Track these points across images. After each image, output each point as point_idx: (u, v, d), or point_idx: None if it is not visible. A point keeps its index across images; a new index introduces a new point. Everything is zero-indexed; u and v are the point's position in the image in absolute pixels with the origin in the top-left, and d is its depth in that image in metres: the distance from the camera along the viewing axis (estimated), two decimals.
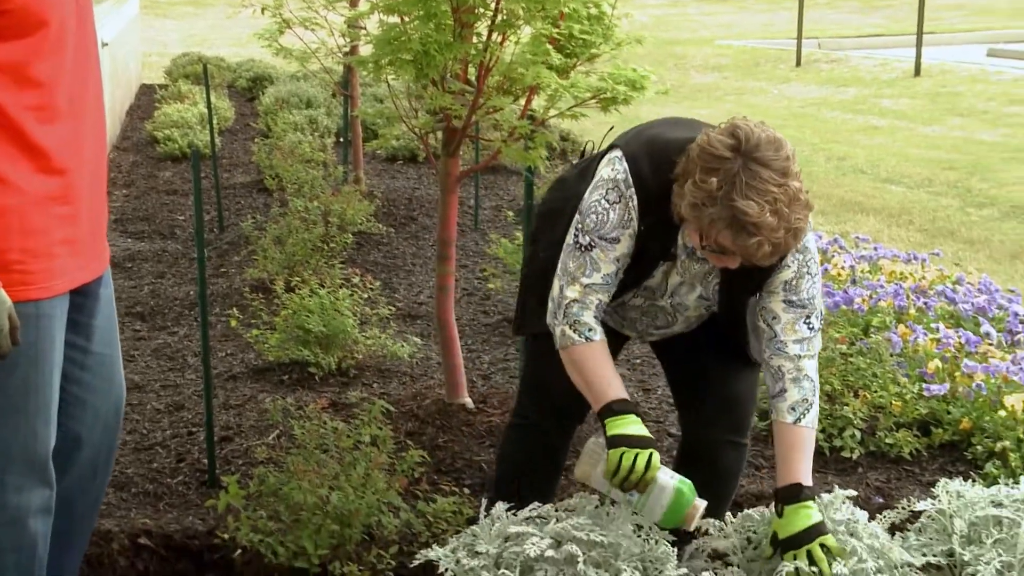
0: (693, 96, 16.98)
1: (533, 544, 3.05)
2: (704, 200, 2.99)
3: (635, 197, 3.21)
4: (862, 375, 4.98)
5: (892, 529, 3.53)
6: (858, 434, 4.73)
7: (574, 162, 3.69)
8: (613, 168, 3.25)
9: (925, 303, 5.78)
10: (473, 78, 4.61)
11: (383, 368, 5.72)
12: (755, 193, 2.95)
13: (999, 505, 3.35)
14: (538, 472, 3.64)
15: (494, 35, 4.50)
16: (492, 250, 7.35)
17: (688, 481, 3.21)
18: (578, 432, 3.76)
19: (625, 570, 3.06)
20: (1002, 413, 4.62)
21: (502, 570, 3.05)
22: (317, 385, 5.48)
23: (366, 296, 6.28)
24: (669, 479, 3.19)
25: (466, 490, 4.17)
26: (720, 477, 3.56)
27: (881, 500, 4.25)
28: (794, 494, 3.22)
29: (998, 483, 3.69)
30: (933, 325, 5.47)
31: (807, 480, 3.24)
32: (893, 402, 4.84)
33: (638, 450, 3.15)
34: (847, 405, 4.79)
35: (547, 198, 3.64)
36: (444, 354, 4.99)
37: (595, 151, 3.61)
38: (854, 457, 4.69)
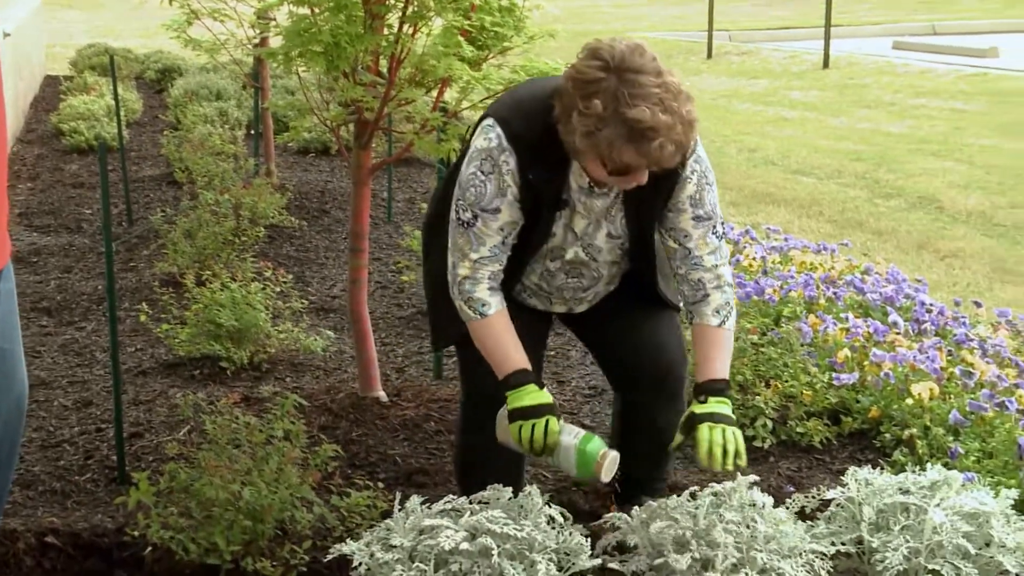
0: None
1: (448, 537, 3.04)
2: (595, 125, 3.01)
3: (512, 159, 3.23)
4: (773, 365, 5.02)
5: (803, 517, 3.57)
6: (770, 424, 4.77)
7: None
8: (486, 137, 3.26)
9: (835, 293, 5.84)
10: (385, 70, 4.59)
11: (296, 362, 5.68)
12: (640, 99, 2.98)
13: (906, 492, 3.40)
14: (508, 474, 3.57)
15: (405, 27, 4.48)
16: (406, 243, 7.33)
17: (592, 436, 3.33)
18: None
19: (540, 562, 3.06)
20: (909, 401, 4.68)
21: (416, 563, 3.04)
22: (229, 380, 5.42)
23: (278, 290, 6.23)
24: (571, 439, 3.32)
25: (380, 484, 4.15)
26: (657, 432, 3.66)
27: (793, 489, 4.29)
28: (720, 388, 3.36)
29: (905, 470, 3.75)
30: (843, 315, 5.53)
31: (726, 376, 3.39)
32: (804, 392, 4.89)
33: (534, 420, 3.25)
34: (759, 395, 4.83)
35: (428, 212, 3.70)
36: (357, 348, 4.96)
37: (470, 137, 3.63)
38: (766, 447, 4.74)
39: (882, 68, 17.91)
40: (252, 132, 10.58)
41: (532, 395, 3.27)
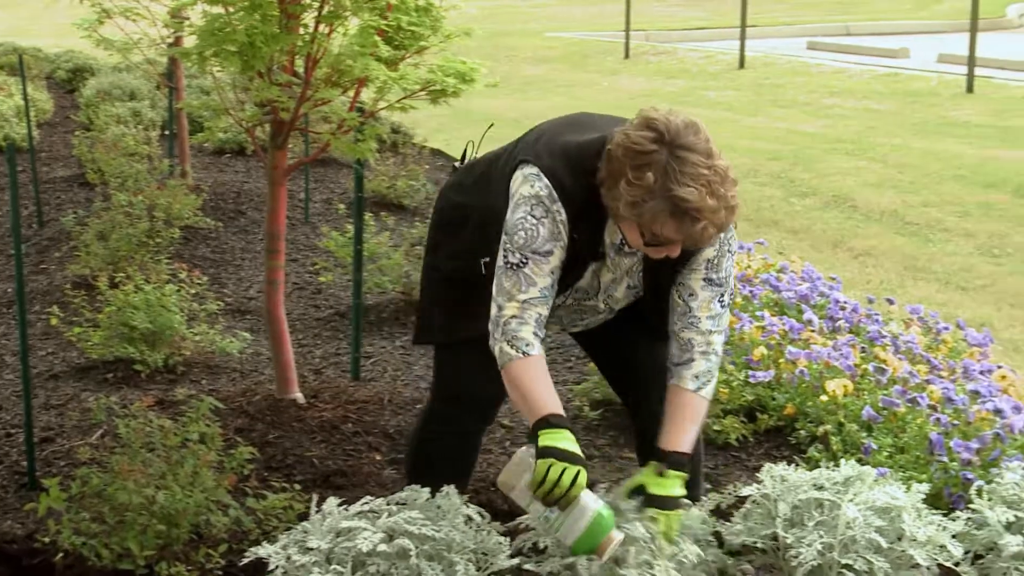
0: (524, 89, 17.07)
1: (365, 539, 3.02)
2: (643, 196, 3.00)
3: (563, 211, 3.20)
4: None
5: (719, 514, 3.59)
6: None
7: (457, 166, 3.70)
8: (533, 185, 3.21)
9: (751, 291, 5.89)
10: (301, 70, 4.55)
11: (212, 364, 5.63)
12: (689, 179, 2.98)
13: (820, 488, 3.43)
14: (449, 471, 3.58)
15: (321, 26, 4.45)
16: (323, 243, 7.29)
17: (611, 509, 3.16)
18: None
19: (458, 563, 3.06)
20: (824, 398, 4.73)
21: (334, 565, 3.02)
22: (143, 383, 5.36)
23: (194, 291, 6.17)
24: (592, 502, 3.12)
25: (297, 486, 4.12)
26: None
27: (709, 486, 4.31)
28: (680, 462, 3.28)
29: (820, 466, 3.78)
30: (758, 313, 5.57)
31: (690, 451, 3.32)
32: (720, 389, 4.93)
33: (567, 464, 3.07)
34: None
35: (443, 207, 3.63)
36: (274, 349, 4.93)
37: (475, 154, 3.65)
38: None
39: (797, 68, 18.11)
40: (166, 132, 10.47)
41: (569, 441, 3.11)
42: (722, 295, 3.37)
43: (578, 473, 3.07)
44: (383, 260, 6.68)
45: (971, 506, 3.54)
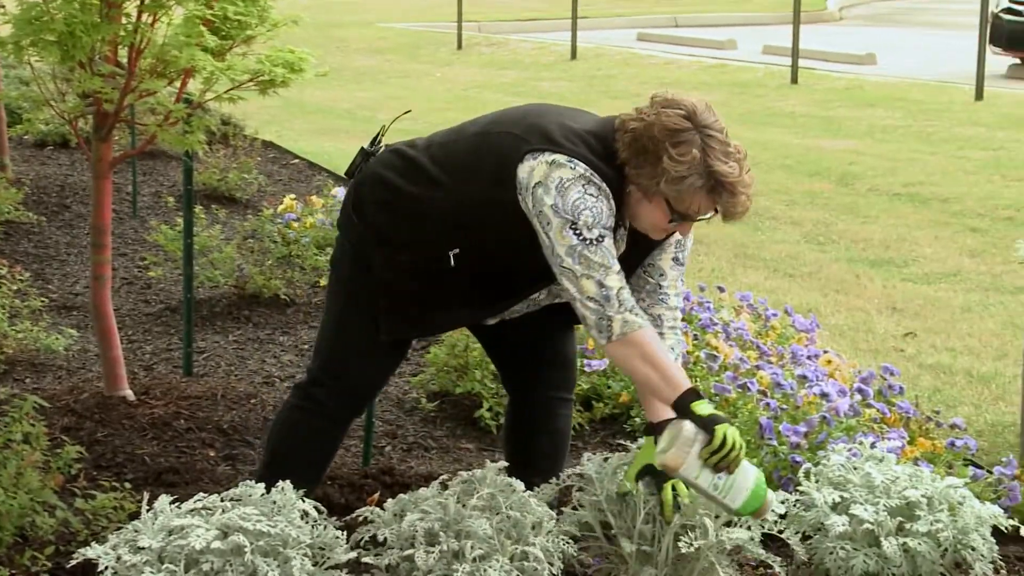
0: (357, 79, 16.98)
1: (198, 536, 2.97)
2: (686, 172, 3.14)
3: (609, 191, 3.26)
4: None
5: (558, 501, 3.62)
6: None
7: (369, 149, 3.54)
8: (572, 168, 3.22)
9: None
10: (125, 60, 4.45)
11: (36, 362, 5.48)
12: (724, 156, 3.17)
13: None
14: (317, 455, 3.66)
15: (144, 16, 4.36)
16: (152, 237, 7.14)
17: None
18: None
19: (294, 558, 3.02)
20: None
21: (166, 564, 2.96)
22: None
23: (16, 288, 6.00)
24: (749, 463, 3.25)
25: (127, 485, 4.02)
26: (559, 432, 3.78)
27: None
28: None
29: None
30: None
31: None
32: None
33: (735, 427, 3.21)
34: None
35: (390, 199, 3.45)
36: (102, 346, 4.82)
37: (382, 135, 3.55)
38: None
39: (628, 59, 18.34)
40: None
41: (717, 410, 3.26)
42: (682, 275, 3.56)
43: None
44: (215, 254, 6.58)
45: (799, 488, 3.62)
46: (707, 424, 3.17)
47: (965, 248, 8.08)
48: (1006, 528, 3.60)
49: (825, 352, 5.11)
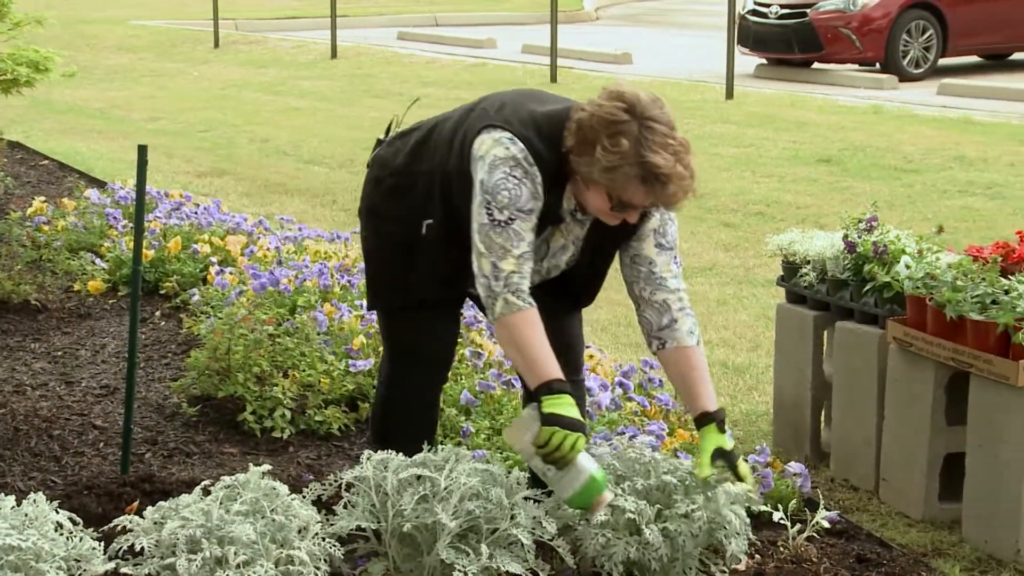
0: (108, 78, 16.52)
1: None
2: (618, 162, 3.26)
3: (539, 174, 3.38)
4: (290, 355, 5.02)
5: (325, 504, 3.59)
6: (288, 414, 4.78)
7: (383, 138, 3.87)
8: (508, 148, 3.38)
9: (349, 281, 5.91)
10: None
11: None
12: (659, 147, 3.26)
13: (422, 465, 3.48)
14: (422, 428, 3.77)
15: None
16: None
17: (603, 472, 3.41)
18: None
19: (48, 571, 2.93)
20: None
21: None
22: None
23: None
24: (588, 464, 3.36)
25: None
26: None
27: (312, 477, 4.30)
28: (723, 418, 3.59)
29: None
30: (357, 302, 5.60)
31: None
32: (321, 380, 4.92)
33: (568, 432, 3.31)
34: (276, 386, 4.82)
35: (381, 176, 3.73)
36: None
37: (398, 127, 3.82)
38: (285, 437, 4.73)
39: (389, 58, 18.32)
40: None
41: (571, 408, 3.35)
42: (675, 257, 3.63)
43: (577, 440, 3.32)
44: None
45: None
46: (544, 421, 3.33)
47: (720, 243, 8.32)
48: (757, 510, 3.74)
49: (588, 347, 5.19)
